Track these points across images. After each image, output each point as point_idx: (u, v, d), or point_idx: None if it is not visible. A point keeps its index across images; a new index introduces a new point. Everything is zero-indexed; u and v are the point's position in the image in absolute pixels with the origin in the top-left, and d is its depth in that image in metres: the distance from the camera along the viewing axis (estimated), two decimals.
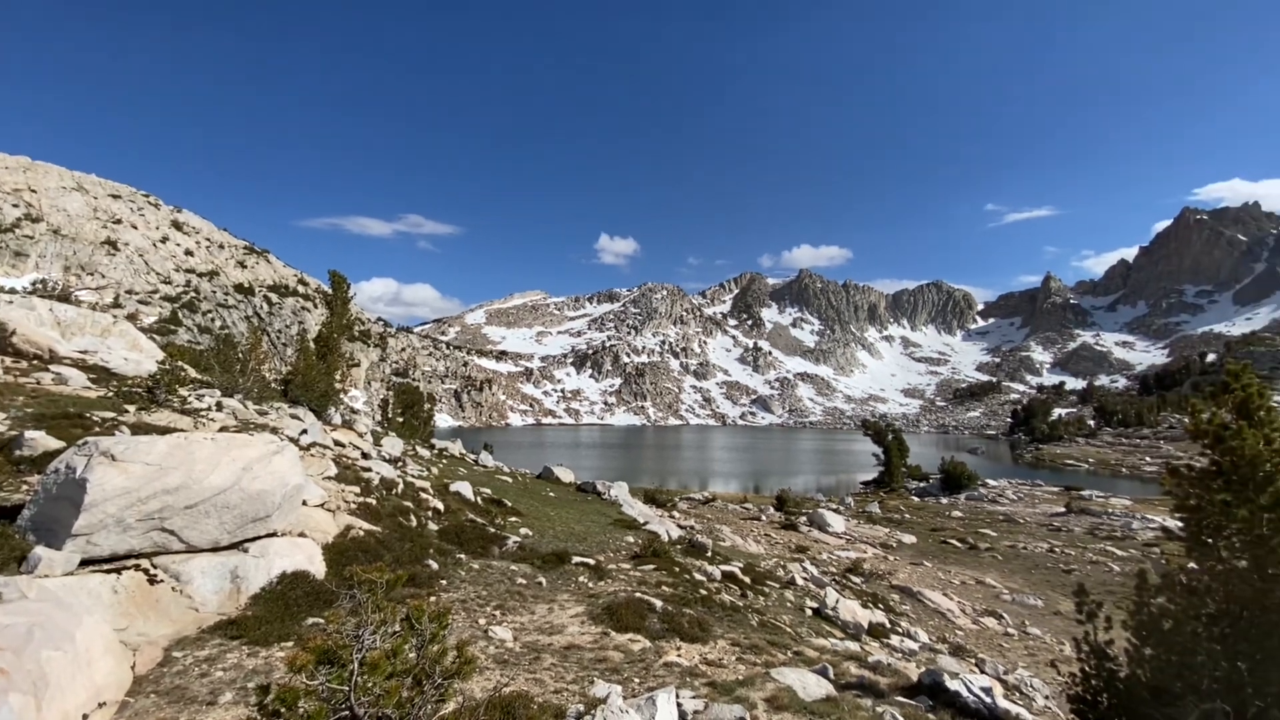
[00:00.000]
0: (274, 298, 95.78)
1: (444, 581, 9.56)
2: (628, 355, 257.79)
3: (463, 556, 11.07)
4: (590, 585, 10.62)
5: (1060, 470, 78.19)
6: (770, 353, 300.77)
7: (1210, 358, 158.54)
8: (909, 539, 28.93)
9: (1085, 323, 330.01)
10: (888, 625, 13.89)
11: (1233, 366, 5.91)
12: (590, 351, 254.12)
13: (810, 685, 5.40)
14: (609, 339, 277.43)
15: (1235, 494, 5.31)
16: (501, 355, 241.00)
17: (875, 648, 11.57)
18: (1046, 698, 11.66)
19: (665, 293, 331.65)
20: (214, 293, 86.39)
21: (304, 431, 16.04)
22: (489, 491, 18.79)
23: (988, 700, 5.99)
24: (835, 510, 35.31)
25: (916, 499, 45.11)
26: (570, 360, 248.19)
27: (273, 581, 7.91)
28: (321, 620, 6.81)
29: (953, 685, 6.05)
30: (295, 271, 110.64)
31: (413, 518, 12.32)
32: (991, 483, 50.44)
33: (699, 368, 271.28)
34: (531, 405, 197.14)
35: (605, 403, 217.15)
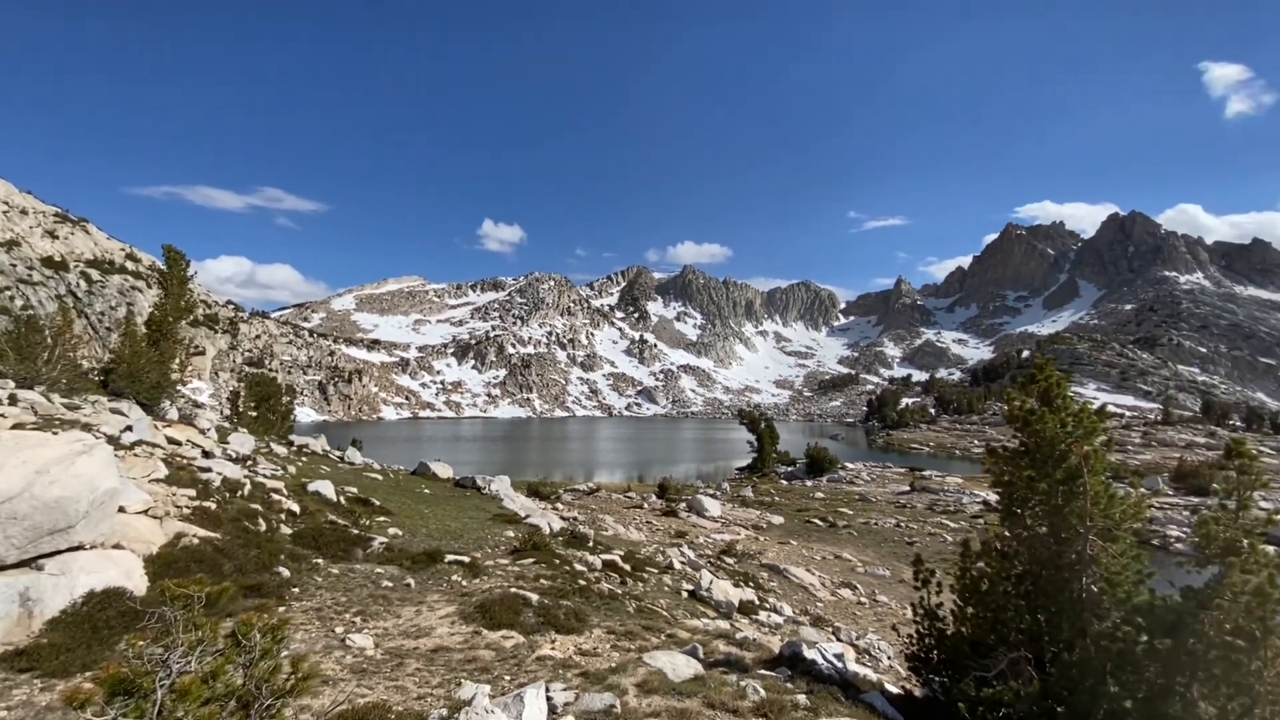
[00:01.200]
0: (95, 275, 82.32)
1: (296, 589, 8.74)
2: (513, 346, 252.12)
3: (320, 561, 10.19)
4: (464, 583, 10.21)
5: (906, 453, 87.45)
6: (655, 345, 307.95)
7: (1025, 354, 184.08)
8: (778, 520, 30.89)
9: (929, 322, 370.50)
10: (757, 602, 14.72)
11: (1039, 361, 6.80)
12: (473, 342, 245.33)
13: (680, 666, 5.54)
14: (494, 329, 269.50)
15: (1038, 470, 6.12)
16: (374, 345, 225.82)
17: (745, 624, 12.20)
18: (890, 658, 12.96)
19: (553, 283, 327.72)
20: (13, 266, 72.70)
21: (128, 428, 13.98)
22: (355, 490, 17.51)
23: (839, 665, 6.49)
24: (712, 496, 36.88)
25: (785, 482, 48.31)
26: (451, 350, 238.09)
27: (77, 602, 6.78)
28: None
29: (809, 654, 6.49)
30: (123, 245, 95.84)
31: (261, 521, 11.14)
32: (849, 466, 55.18)
33: (586, 359, 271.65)
34: (408, 398, 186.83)
35: (489, 395, 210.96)
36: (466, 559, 11.79)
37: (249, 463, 16.37)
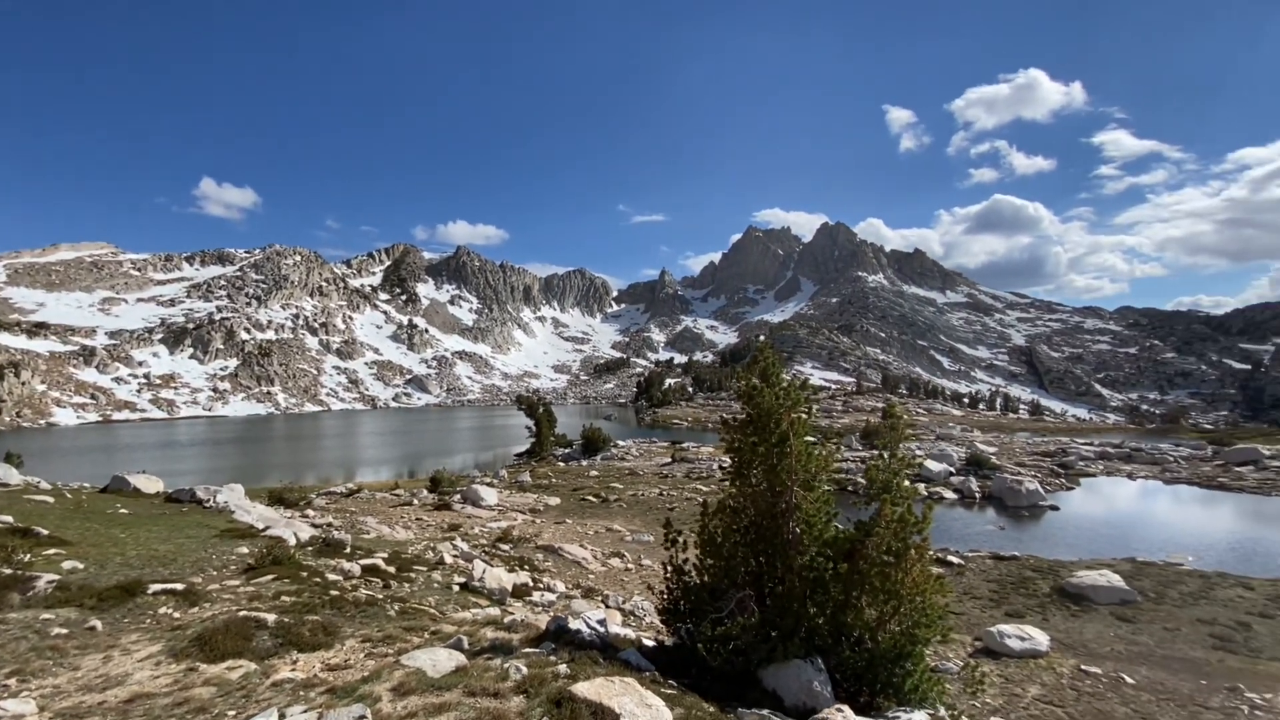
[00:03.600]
0: None
1: None
2: (247, 331, 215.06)
3: None
4: (177, 616, 8.52)
5: (669, 428, 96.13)
6: (427, 330, 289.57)
7: (761, 339, 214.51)
8: (554, 501, 31.63)
9: (688, 310, 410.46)
10: (531, 584, 14.94)
11: (760, 345, 7.99)
12: (191, 326, 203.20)
13: (441, 661, 5.38)
14: (220, 310, 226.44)
15: (759, 436, 7.21)
16: (39, 329, 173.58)
17: (518, 607, 12.30)
18: (652, 615, 14.22)
19: (299, 258, 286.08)
20: None
21: None
22: (10, 519, 13.46)
23: (601, 631, 6.93)
24: (489, 484, 36.26)
25: (563, 464, 49.61)
26: (160, 337, 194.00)
27: None
28: None
29: (574, 625, 6.81)
30: None
31: None
32: (621, 443, 58.80)
33: (344, 346, 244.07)
34: (95, 397, 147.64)
35: (215, 390, 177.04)
36: (180, 586, 9.85)
37: None
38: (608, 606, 14.28)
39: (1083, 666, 11.01)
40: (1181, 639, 12.66)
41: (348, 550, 15.38)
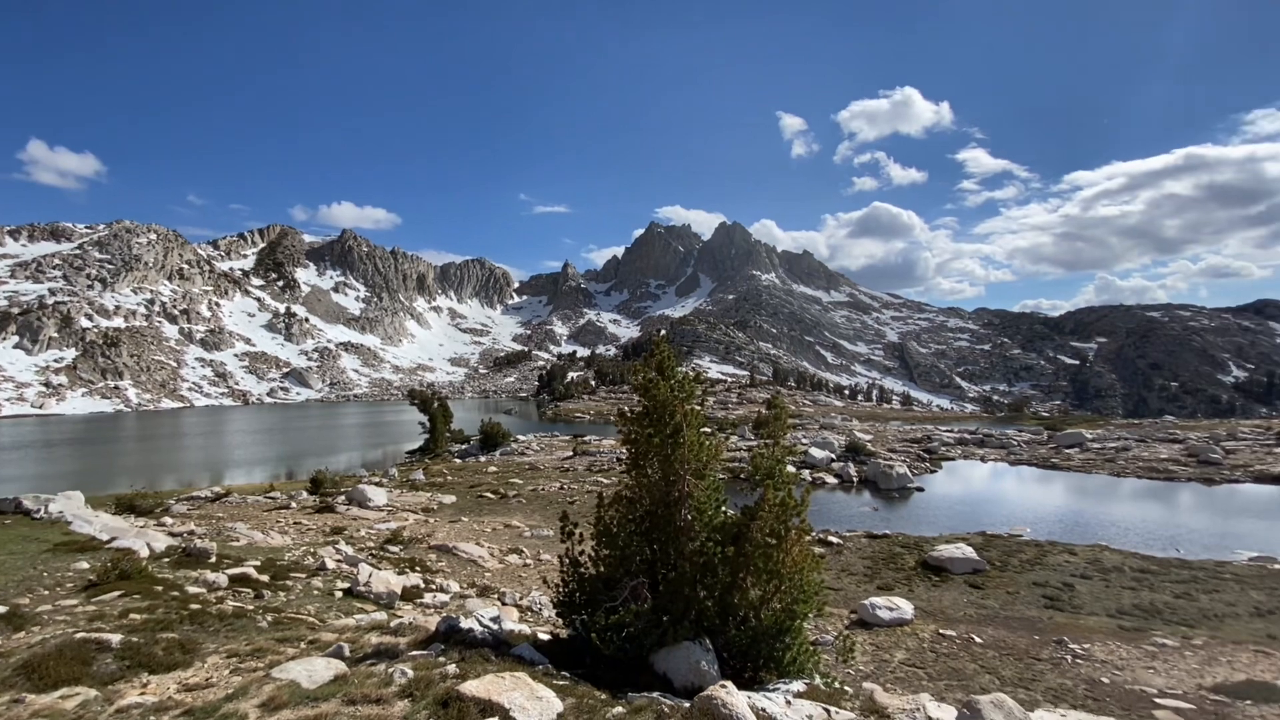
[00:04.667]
0: None
1: None
2: (89, 318, 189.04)
3: None
4: None
5: (572, 422, 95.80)
6: (308, 319, 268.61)
7: (663, 333, 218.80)
8: (449, 499, 30.55)
9: (591, 303, 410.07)
10: (422, 585, 14.36)
11: (657, 340, 8.16)
12: (16, 311, 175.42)
13: (318, 671, 5.05)
14: (54, 293, 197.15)
15: (655, 427, 7.38)
16: None
17: (408, 610, 11.79)
18: (550, 609, 14.15)
19: (155, 236, 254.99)
20: None
21: None
22: None
23: (494, 628, 6.82)
24: (378, 484, 34.37)
25: (459, 460, 48.00)
26: None
27: None
28: None
29: (466, 624, 6.65)
30: None
31: None
32: (521, 438, 57.83)
33: (210, 336, 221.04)
34: None
35: (48, 384, 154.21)
36: (2, 609, 8.54)
37: None
38: (504, 604, 14.05)
39: (941, 631, 12.26)
40: (1020, 601, 14.44)
41: (213, 560, 14.03)
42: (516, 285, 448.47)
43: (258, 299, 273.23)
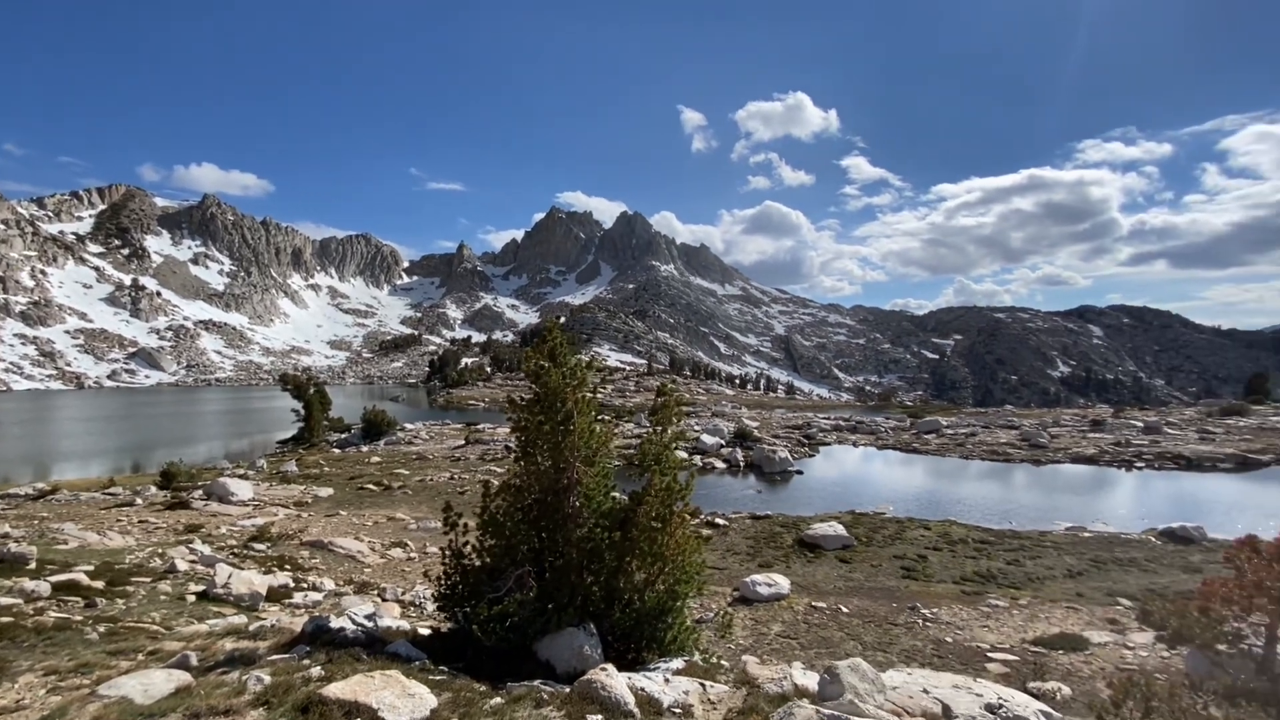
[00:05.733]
0: None
1: None
2: None
3: None
4: None
5: (465, 409, 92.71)
6: (159, 294, 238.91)
7: (562, 320, 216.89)
8: (326, 492, 28.57)
9: (488, 287, 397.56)
10: (292, 585, 13.33)
11: (549, 325, 8.04)
12: None
13: (156, 685, 4.51)
14: None
15: (546, 414, 7.27)
16: None
17: (274, 611, 10.90)
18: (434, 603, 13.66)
19: None
20: None
21: None
22: None
23: (369, 625, 6.46)
24: (242, 476, 31.45)
25: (338, 450, 44.94)
26: None
27: None
28: None
29: (337, 623, 6.24)
30: None
31: None
32: (409, 426, 55.10)
33: (33, 309, 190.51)
34: None
35: None
36: None
37: None
38: (384, 600, 13.37)
39: (813, 603, 13.21)
40: (882, 572, 15.86)
41: (32, 565, 12.22)
42: (406, 265, 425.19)
43: (96, 268, 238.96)
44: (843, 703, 4.53)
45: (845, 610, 12.78)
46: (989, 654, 10.34)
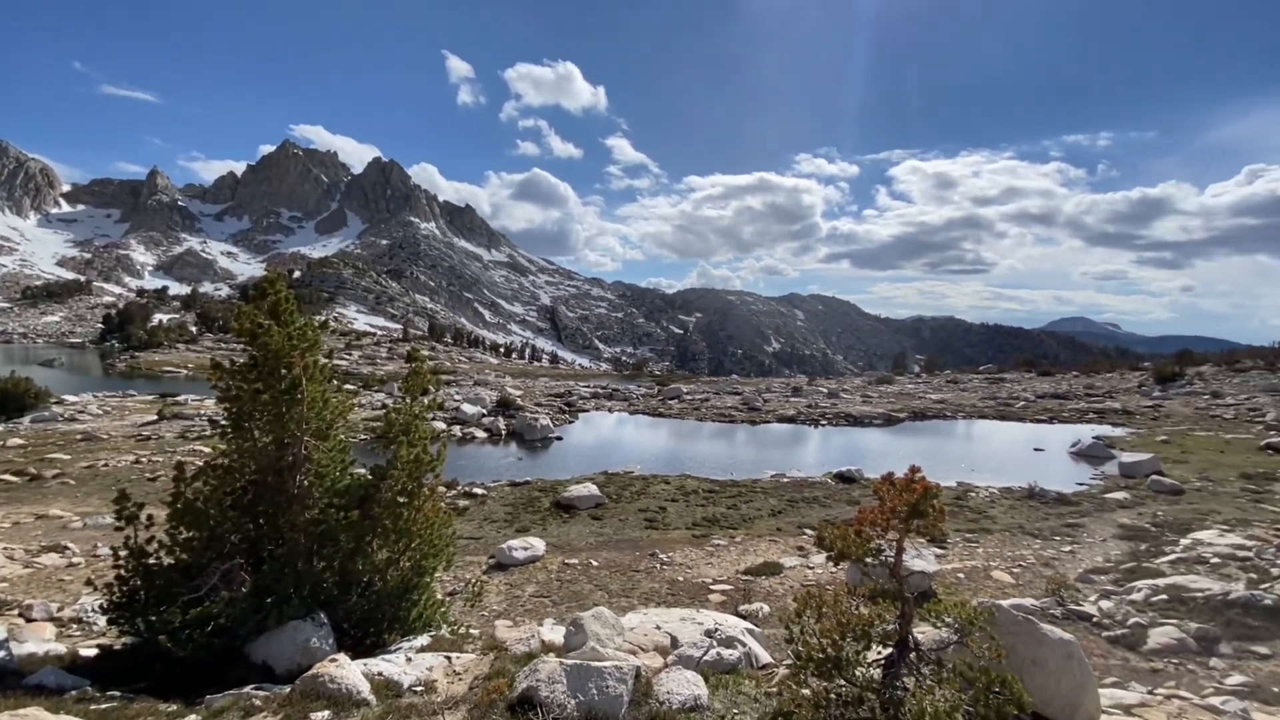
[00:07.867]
0: None
1: None
2: None
3: None
4: None
5: (159, 378, 75.15)
6: None
7: (296, 274, 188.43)
8: None
9: (193, 228, 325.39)
10: None
11: (271, 277, 6.88)
12: None
13: None
14: None
15: (265, 382, 6.24)
16: None
17: None
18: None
19: None
20: None
21: None
22: None
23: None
24: None
25: None
26: None
27: None
28: None
29: None
30: None
31: None
32: (71, 399, 42.79)
33: None
34: None
35: None
36: None
37: None
38: (28, 620, 10.33)
39: (566, 561, 13.84)
40: (628, 526, 17.29)
41: None
42: (68, 189, 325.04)
43: None
44: (585, 650, 4.84)
45: (595, 564, 13.66)
46: (711, 586, 12.04)
